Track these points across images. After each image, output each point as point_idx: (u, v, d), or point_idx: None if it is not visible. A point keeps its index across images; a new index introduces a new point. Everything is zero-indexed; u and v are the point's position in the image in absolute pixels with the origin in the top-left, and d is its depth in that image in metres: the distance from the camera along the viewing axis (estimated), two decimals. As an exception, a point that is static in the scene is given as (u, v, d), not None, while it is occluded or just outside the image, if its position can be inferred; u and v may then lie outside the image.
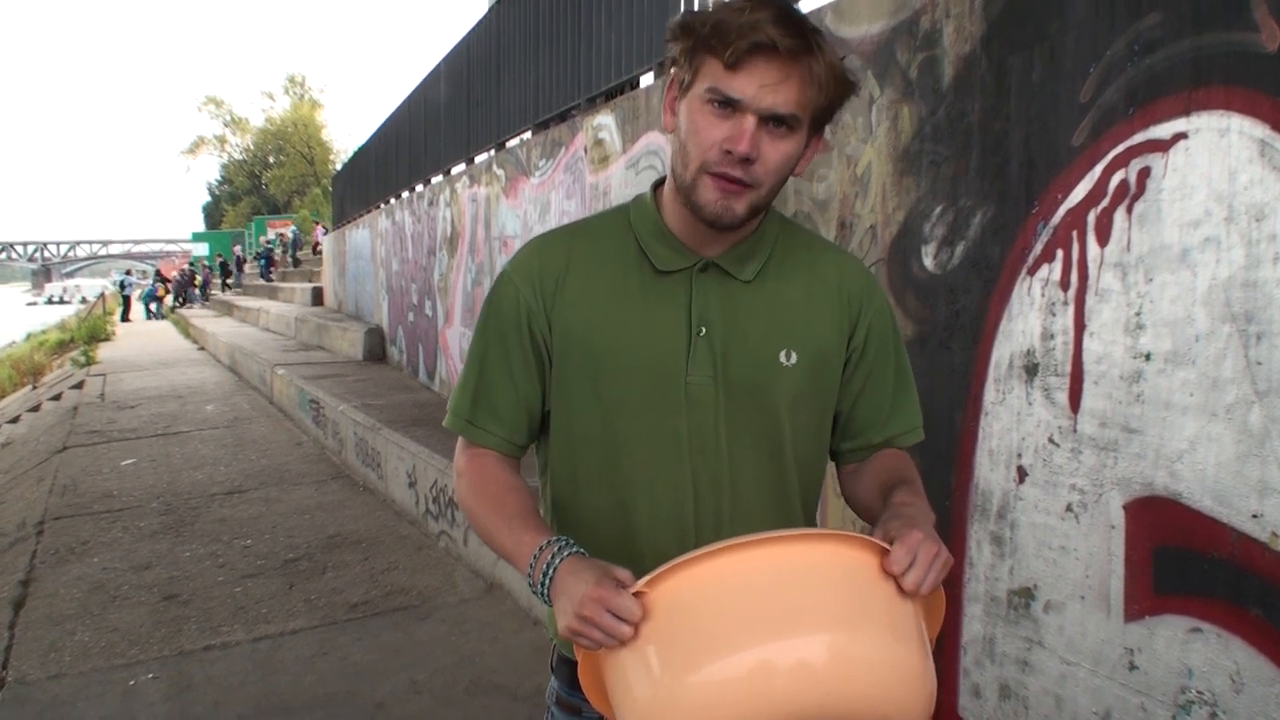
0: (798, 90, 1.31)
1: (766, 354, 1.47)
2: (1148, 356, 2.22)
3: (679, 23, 1.37)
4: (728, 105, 1.32)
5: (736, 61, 1.29)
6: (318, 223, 35.92)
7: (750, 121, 1.31)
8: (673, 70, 1.42)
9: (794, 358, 1.47)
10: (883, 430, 1.59)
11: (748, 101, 1.31)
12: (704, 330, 1.45)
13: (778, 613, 1.14)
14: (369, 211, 14.32)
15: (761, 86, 1.30)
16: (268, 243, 41.47)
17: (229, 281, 40.12)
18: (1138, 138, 2.24)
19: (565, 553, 1.31)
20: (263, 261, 39.13)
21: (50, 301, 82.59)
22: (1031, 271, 2.53)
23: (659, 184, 1.54)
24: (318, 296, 20.03)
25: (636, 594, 1.19)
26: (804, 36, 1.30)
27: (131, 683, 4.12)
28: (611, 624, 1.18)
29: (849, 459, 1.63)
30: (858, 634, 1.15)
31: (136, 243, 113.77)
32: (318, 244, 32.28)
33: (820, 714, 1.12)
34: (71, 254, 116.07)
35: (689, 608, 1.16)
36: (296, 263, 35.33)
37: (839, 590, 1.17)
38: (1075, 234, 2.40)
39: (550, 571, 1.29)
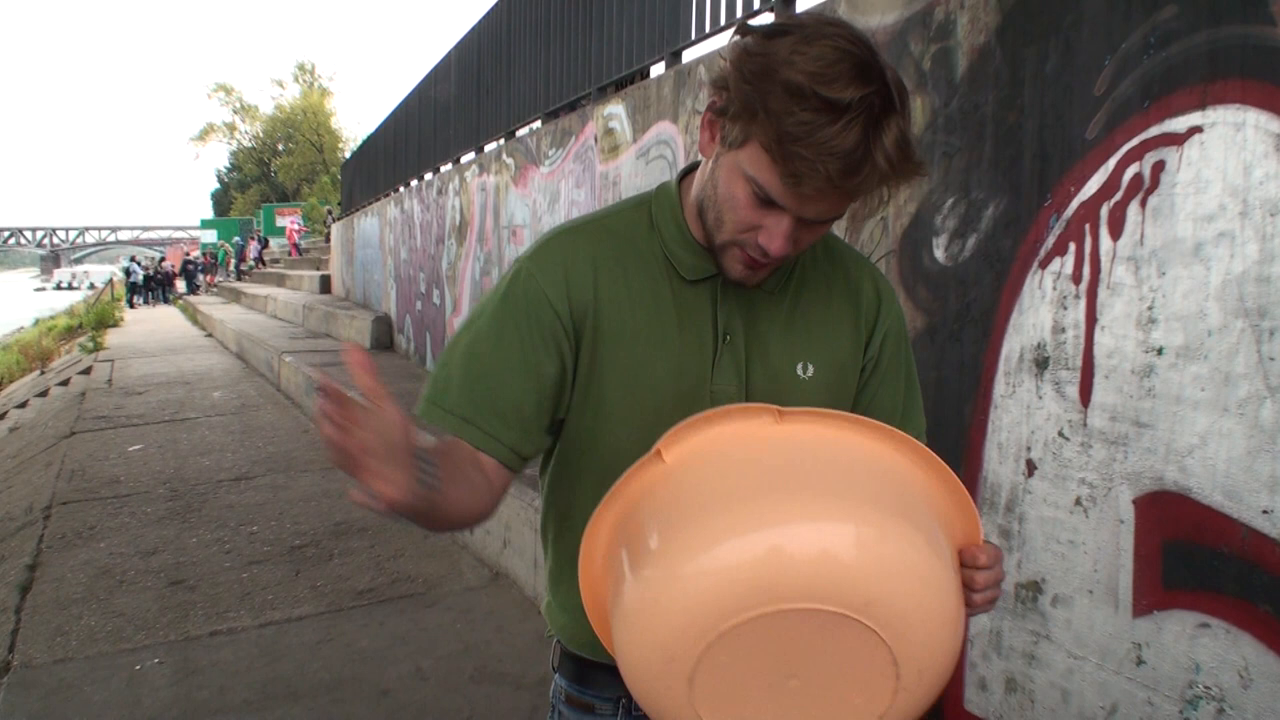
0: (844, 201, 1.24)
1: (785, 366, 1.45)
2: (1159, 351, 2.21)
3: (742, 49, 1.20)
4: (769, 202, 1.24)
5: (791, 182, 1.18)
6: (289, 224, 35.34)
7: (788, 222, 1.24)
8: (716, 93, 1.26)
9: (810, 370, 1.45)
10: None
11: (792, 209, 1.23)
12: (729, 338, 1.43)
13: (809, 490, 1.07)
14: (378, 200, 14.34)
15: (804, 199, 1.21)
16: (187, 256, 40.84)
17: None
18: (1152, 131, 2.23)
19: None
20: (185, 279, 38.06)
21: (59, 287, 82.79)
22: (1043, 264, 2.52)
23: (684, 175, 1.47)
24: (325, 284, 20.06)
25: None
26: (869, 167, 1.16)
27: (138, 667, 4.13)
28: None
29: None
30: (904, 530, 1.07)
31: (145, 229, 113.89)
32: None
33: (841, 603, 1.03)
34: (80, 240, 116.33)
35: (703, 475, 1.11)
36: (240, 274, 34.94)
37: (888, 484, 1.12)
38: (1088, 227, 2.39)
39: None
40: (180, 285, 39.07)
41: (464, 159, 9.45)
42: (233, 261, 39.69)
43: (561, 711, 1.58)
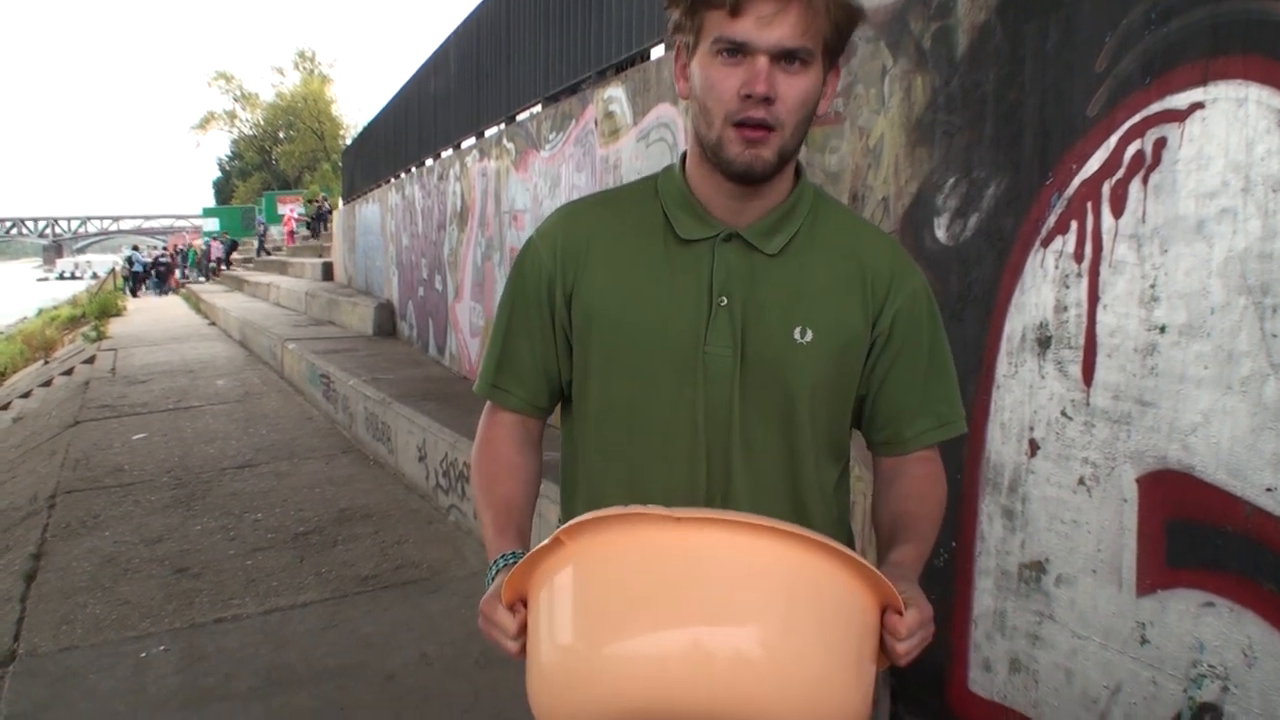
0: (799, 20, 1.30)
1: (781, 330, 1.44)
2: (1162, 329, 2.20)
3: None
4: (737, 52, 1.32)
5: (736, 5, 1.29)
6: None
7: (762, 62, 1.31)
8: (677, 38, 1.42)
9: (809, 336, 1.44)
10: (911, 423, 1.55)
11: (754, 42, 1.30)
12: (724, 300, 1.44)
13: (716, 598, 1.09)
14: (379, 186, 14.30)
15: (759, 19, 1.29)
16: (159, 256, 40.26)
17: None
18: (1154, 107, 2.21)
19: (499, 565, 1.42)
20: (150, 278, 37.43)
21: (61, 277, 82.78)
22: (1045, 243, 2.51)
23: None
24: (328, 271, 20.05)
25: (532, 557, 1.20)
26: None
27: (143, 655, 4.13)
28: (497, 638, 1.30)
29: (883, 451, 1.59)
30: (790, 639, 1.10)
31: (147, 218, 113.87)
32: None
33: (719, 710, 1.07)
34: (83, 230, 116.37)
35: (622, 570, 1.12)
36: (209, 274, 34.62)
37: (794, 594, 1.12)
38: (1090, 205, 2.38)
39: (488, 584, 1.40)
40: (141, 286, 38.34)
41: (464, 144, 9.42)
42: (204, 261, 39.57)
43: None
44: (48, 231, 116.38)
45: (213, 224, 48.83)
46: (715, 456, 1.46)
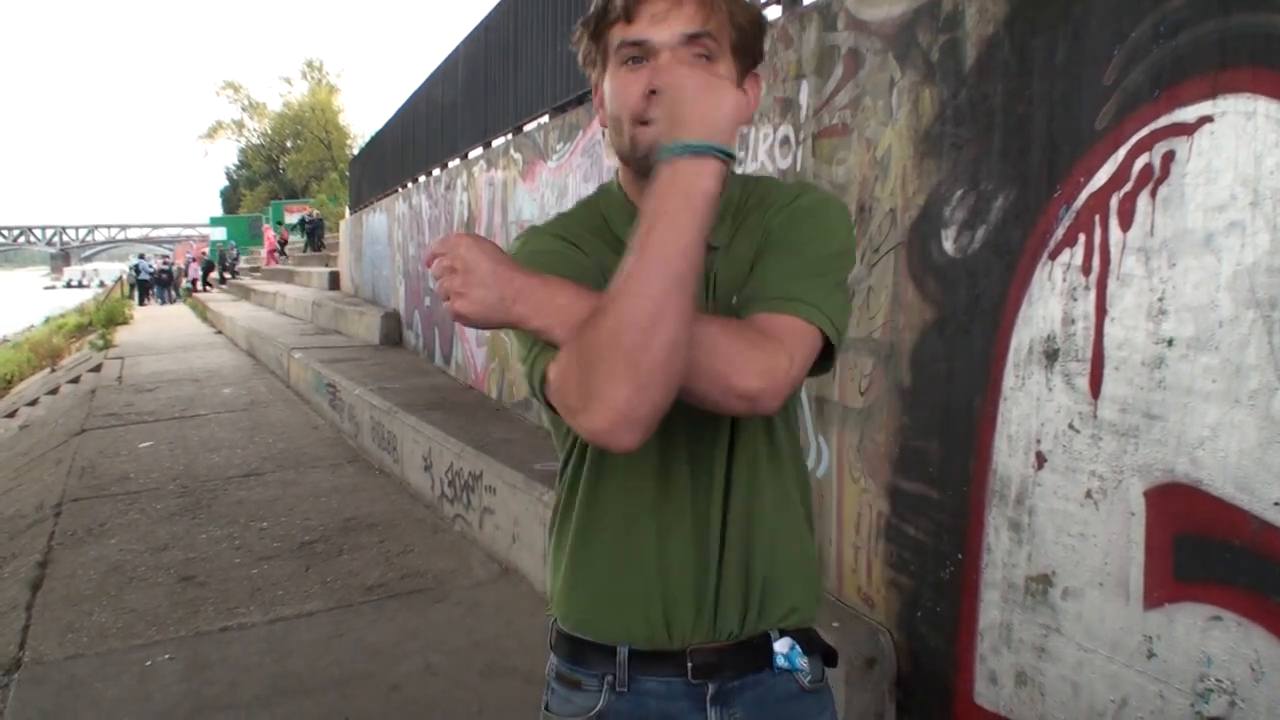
0: (695, 12, 1.33)
1: (725, 305, 1.42)
2: (1170, 342, 2.20)
3: (579, 23, 1.41)
4: (641, 58, 1.34)
5: (628, 8, 1.32)
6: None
7: (665, 58, 1.33)
8: (590, 72, 1.45)
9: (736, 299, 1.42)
10: (761, 297, 1.36)
11: (652, 39, 1.33)
12: None
13: None
14: (386, 196, 14.33)
15: (654, 17, 1.32)
16: (165, 265, 40.08)
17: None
18: (1162, 121, 2.22)
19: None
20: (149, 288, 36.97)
21: (69, 285, 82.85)
22: (1053, 256, 2.51)
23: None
24: (334, 281, 20.08)
25: None
26: None
27: (148, 663, 4.14)
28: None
29: None
30: None
31: (155, 227, 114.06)
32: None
33: None
34: (90, 238, 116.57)
35: None
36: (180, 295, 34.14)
37: None
38: (1098, 218, 2.38)
39: None
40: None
41: (472, 154, 9.44)
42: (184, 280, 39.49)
43: (553, 688, 1.62)
44: (55, 240, 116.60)
45: (220, 233, 48.86)
46: (697, 449, 1.46)
